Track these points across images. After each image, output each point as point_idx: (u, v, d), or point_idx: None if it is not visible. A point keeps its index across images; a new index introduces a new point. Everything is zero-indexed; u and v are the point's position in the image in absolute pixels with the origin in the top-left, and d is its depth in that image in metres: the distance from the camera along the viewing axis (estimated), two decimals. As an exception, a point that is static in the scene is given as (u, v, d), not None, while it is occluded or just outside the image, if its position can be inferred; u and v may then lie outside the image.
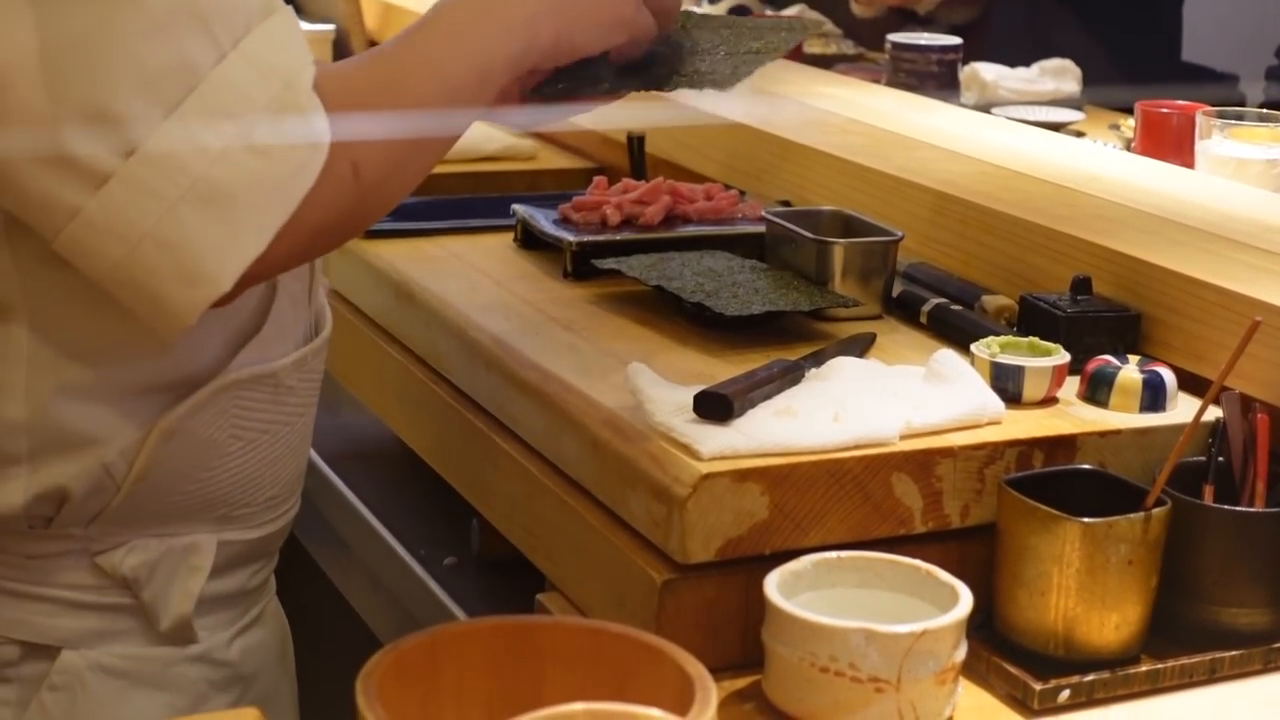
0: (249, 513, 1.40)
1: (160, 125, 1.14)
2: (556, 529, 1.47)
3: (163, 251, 1.15)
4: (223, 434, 1.34)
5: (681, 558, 1.31)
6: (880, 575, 1.31)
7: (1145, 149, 2.33)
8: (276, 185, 1.17)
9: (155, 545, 1.34)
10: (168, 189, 1.14)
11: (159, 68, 1.14)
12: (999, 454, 1.40)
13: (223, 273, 1.16)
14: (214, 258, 1.16)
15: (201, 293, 1.17)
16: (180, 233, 1.14)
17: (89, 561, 1.32)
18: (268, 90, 1.17)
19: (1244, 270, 1.57)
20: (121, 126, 1.13)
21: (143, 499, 1.31)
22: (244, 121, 1.16)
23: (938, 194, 1.86)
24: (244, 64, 1.17)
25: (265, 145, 1.16)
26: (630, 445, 1.37)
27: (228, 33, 1.17)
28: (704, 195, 1.92)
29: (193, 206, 1.14)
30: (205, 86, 1.15)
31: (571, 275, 1.80)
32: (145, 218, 1.14)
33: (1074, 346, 1.52)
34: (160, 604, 1.34)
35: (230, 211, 1.16)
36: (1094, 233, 1.68)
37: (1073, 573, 1.30)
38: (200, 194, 1.14)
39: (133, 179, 1.13)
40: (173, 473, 1.32)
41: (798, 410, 1.38)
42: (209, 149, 1.15)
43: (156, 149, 1.14)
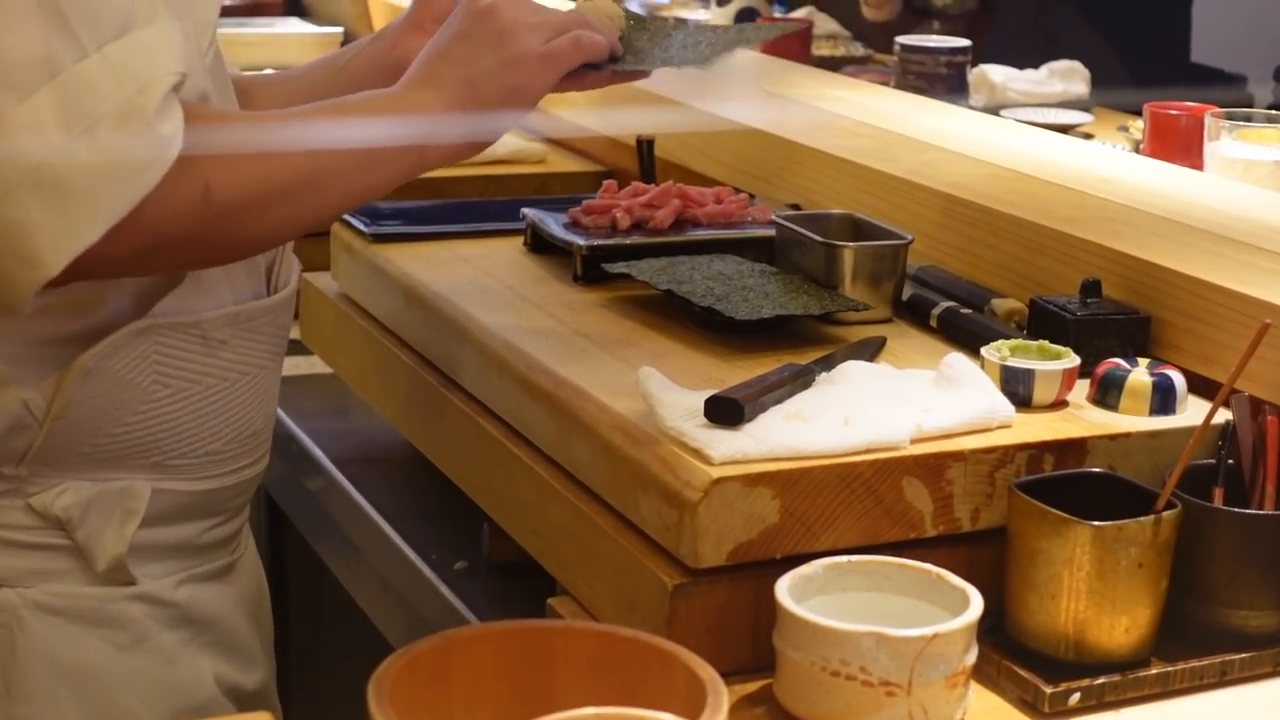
0: (186, 464, 1.43)
1: (10, 112, 1.19)
2: (567, 533, 1.47)
3: (2, 232, 1.20)
4: (145, 378, 1.38)
5: (693, 562, 1.31)
6: (891, 579, 1.31)
7: (1154, 151, 2.33)
8: (113, 182, 1.21)
9: (88, 488, 1.38)
10: (9, 173, 1.19)
11: (16, 59, 1.20)
12: (1009, 457, 1.40)
13: (53, 258, 1.21)
14: (46, 243, 1.20)
15: (33, 275, 1.21)
16: (18, 214, 1.20)
17: (23, 502, 1.37)
18: (120, 92, 1.22)
19: (1254, 272, 1.57)
20: None
21: (67, 438, 1.36)
22: (91, 117, 1.20)
23: (947, 197, 1.86)
24: (103, 65, 1.22)
25: (107, 143, 1.21)
26: (641, 449, 1.37)
27: (93, 36, 1.22)
28: (714, 199, 1.92)
29: (30, 192, 1.20)
30: (60, 80, 1.20)
31: (582, 279, 1.80)
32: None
33: (1084, 349, 1.53)
34: (95, 545, 1.38)
35: (65, 201, 1.20)
36: (1103, 235, 1.69)
37: (1083, 576, 1.30)
38: (39, 180, 1.20)
39: None
40: (96, 413, 1.36)
41: (808, 414, 1.39)
42: (52, 140, 1.20)
43: (3, 134, 1.19)
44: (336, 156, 1.36)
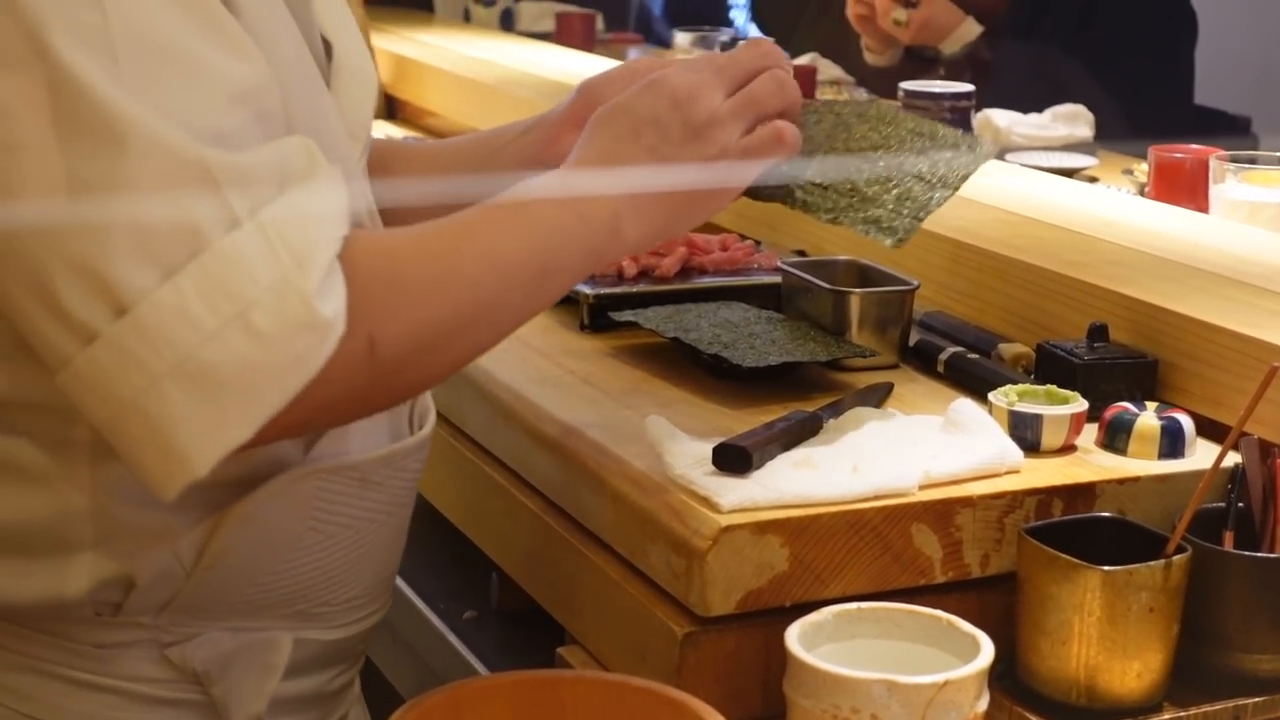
0: (329, 611, 1.32)
1: (154, 292, 1.06)
2: (576, 582, 1.47)
3: (144, 423, 1.08)
4: (301, 525, 1.26)
5: (702, 610, 1.31)
6: (901, 626, 1.30)
7: (1159, 194, 2.33)
8: (271, 374, 1.08)
9: (228, 639, 1.27)
10: (154, 361, 1.07)
11: (161, 229, 1.07)
12: (1018, 503, 1.40)
13: (200, 457, 1.08)
14: (193, 440, 1.08)
15: (177, 472, 1.09)
16: (162, 408, 1.07)
17: (158, 653, 1.25)
18: (276, 269, 1.08)
19: (1261, 315, 1.57)
20: (113, 288, 1.06)
21: (214, 588, 1.24)
22: (244, 300, 1.07)
23: (953, 242, 1.86)
24: (257, 236, 1.08)
25: (263, 330, 1.07)
26: (649, 498, 1.37)
27: (246, 199, 1.09)
28: (720, 246, 1.93)
29: (177, 384, 1.07)
30: (208, 255, 1.07)
31: (589, 328, 1.80)
32: (128, 387, 1.07)
33: (1091, 394, 1.52)
34: (232, 701, 1.27)
35: (216, 396, 1.07)
36: (1109, 279, 1.69)
37: (1094, 621, 1.30)
38: (187, 372, 1.07)
39: (119, 345, 1.07)
40: (247, 562, 1.25)
41: (816, 461, 1.38)
42: (202, 326, 1.07)
43: (146, 317, 1.06)
44: (512, 273, 1.22)
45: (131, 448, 1.09)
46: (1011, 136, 2.84)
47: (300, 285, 1.08)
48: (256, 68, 1.13)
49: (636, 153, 1.28)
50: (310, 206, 1.11)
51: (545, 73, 3.11)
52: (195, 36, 1.10)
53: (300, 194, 1.11)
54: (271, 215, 1.09)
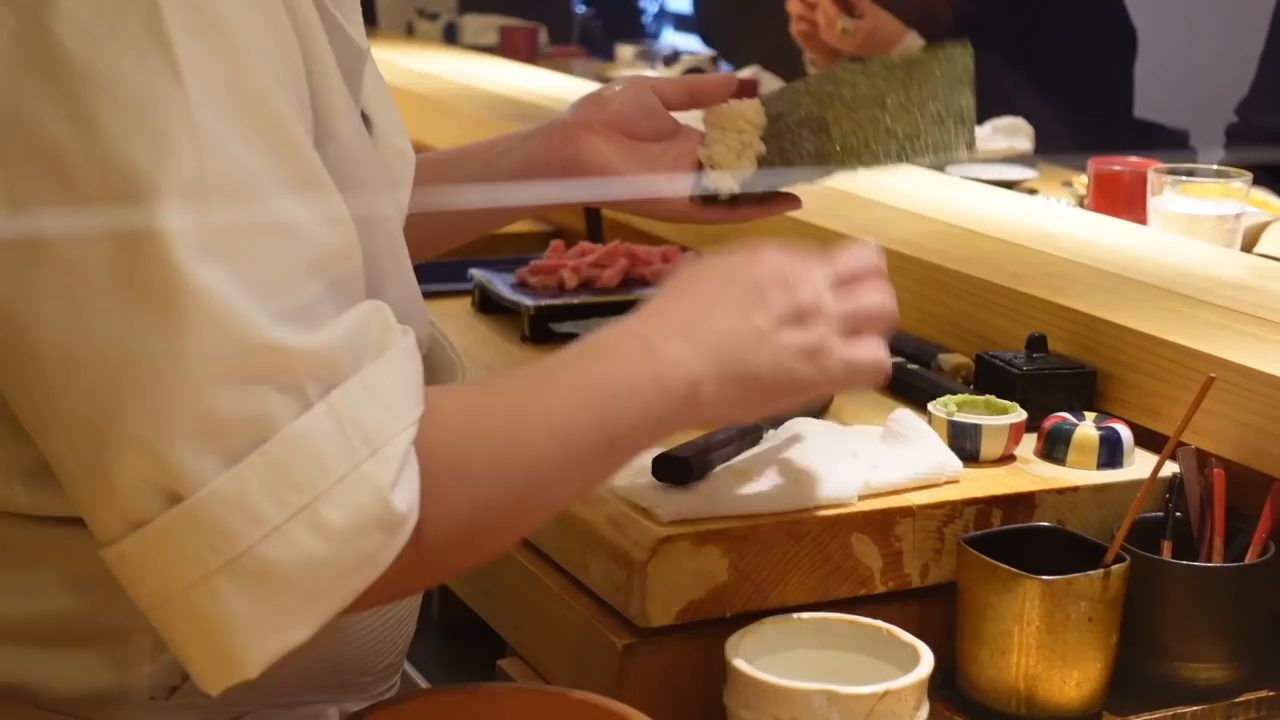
0: (368, 681, 1.27)
1: (213, 480, 0.96)
2: (517, 594, 1.47)
3: (193, 619, 0.98)
4: None
5: (642, 622, 1.30)
6: (841, 636, 1.30)
7: (1098, 206, 2.34)
8: (338, 574, 0.99)
9: (277, 715, 1.20)
10: (208, 556, 0.97)
11: (227, 413, 0.96)
12: (958, 513, 1.40)
13: (253, 659, 0.99)
14: (247, 641, 0.98)
15: (226, 672, 0.99)
16: (214, 605, 0.97)
17: None
18: (350, 459, 0.98)
19: (1198, 326, 1.58)
20: (169, 474, 0.96)
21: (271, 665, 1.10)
22: (313, 493, 0.97)
23: (893, 253, 1.86)
24: (328, 421, 0.98)
25: (333, 528, 0.98)
26: (589, 509, 1.37)
27: (318, 383, 0.99)
28: (660, 257, 1.92)
29: (233, 580, 0.97)
30: (275, 443, 0.97)
31: (530, 339, 1.80)
32: (178, 579, 0.97)
33: (1030, 404, 1.53)
34: None
35: (275, 595, 0.98)
36: (1049, 290, 1.69)
37: (1033, 630, 1.30)
38: (245, 568, 0.97)
39: (170, 535, 0.97)
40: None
41: (756, 472, 1.38)
42: (265, 520, 0.97)
43: (202, 508, 0.96)
44: (577, 449, 1.10)
45: (178, 640, 1.00)
46: (952, 149, 2.84)
47: (375, 477, 0.99)
48: (345, 231, 1.03)
49: (733, 321, 1.15)
50: (386, 386, 1.01)
51: (490, 86, 3.10)
52: (289, 195, 1.00)
53: (375, 372, 1.01)
54: (345, 397, 0.99)
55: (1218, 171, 2.20)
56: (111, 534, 0.99)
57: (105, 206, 0.95)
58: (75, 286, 0.96)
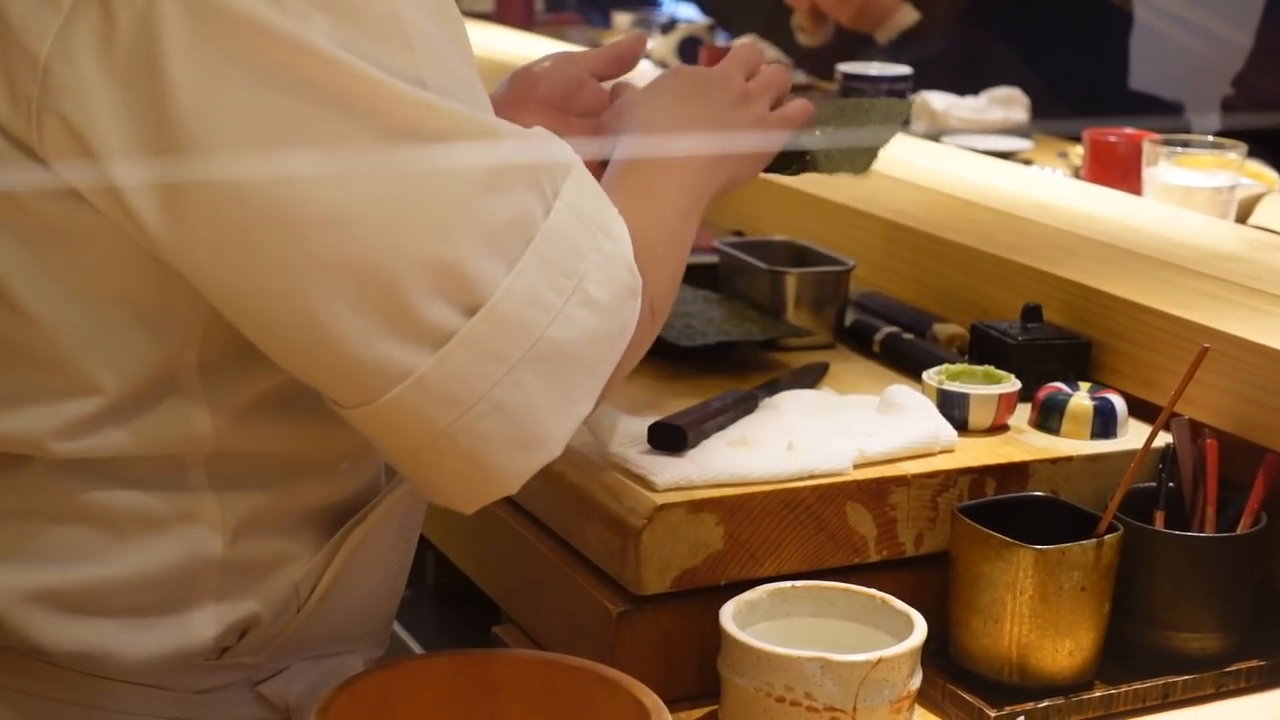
0: (382, 630, 1.33)
1: (504, 281, 1.07)
2: (512, 561, 1.47)
3: (497, 416, 1.07)
4: (389, 542, 1.27)
5: (637, 589, 1.31)
6: (835, 604, 1.31)
7: (1093, 176, 2.35)
8: (610, 341, 1.13)
9: (312, 669, 1.26)
10: (510, 349, 1.07)
11: (503, 221, 1.07)
12: (952, 482, 1.40)
13: (556, 436, 1.11)
14: (550, 420, 1.10)
15: (532, 458, 1.11)
16: (518, 395, 1.08)
17: (251, 691, 1.23)
18: (593, 241, 1.12)
19: (1192, 297, 1.58)
20: (469, 283, 1.06)
21: (319, 617, 1.23)
22: (578, 275, 1.10)
23: (889, 223, 1.87)
24: (570, 214, 1.11)
25: (600, 301, 1.11)
26: (585, 477, 1.37)
27: (551, 182, 1.12)
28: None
29: (533, 368, 1.08)
30: (540, 240, 1.09)
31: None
32: (483, 380, 1.07)
33: (1025, 374, 1.53)
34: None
35: (568, 372, 1.10)
36: (1044, 260, 1.69)
37: (1026, 599, 1.31)
38: (541, 354, 1.08)
39: (476, 339, 1.06)
40: (352, 585, 1.24)
41: (751, 440, 1.39)
42: (549, 306, 1.09)
43: (502, 307, 1.07)
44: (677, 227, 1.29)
45: (476, 446, 1.08)
46: (948, 119, 2.85)
47: (618, 253, 1.14)
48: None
49: (696, 127, 1.34)
50: (589, 182, 1.15)
51: (485, 52, 3.10)
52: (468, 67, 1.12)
53: (579, 171, 1.14)
54: (571, 194, 1.12)
55: (1213, 143, 2.20)
56: (406, 369, 1.05)
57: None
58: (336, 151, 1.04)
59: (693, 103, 1.37)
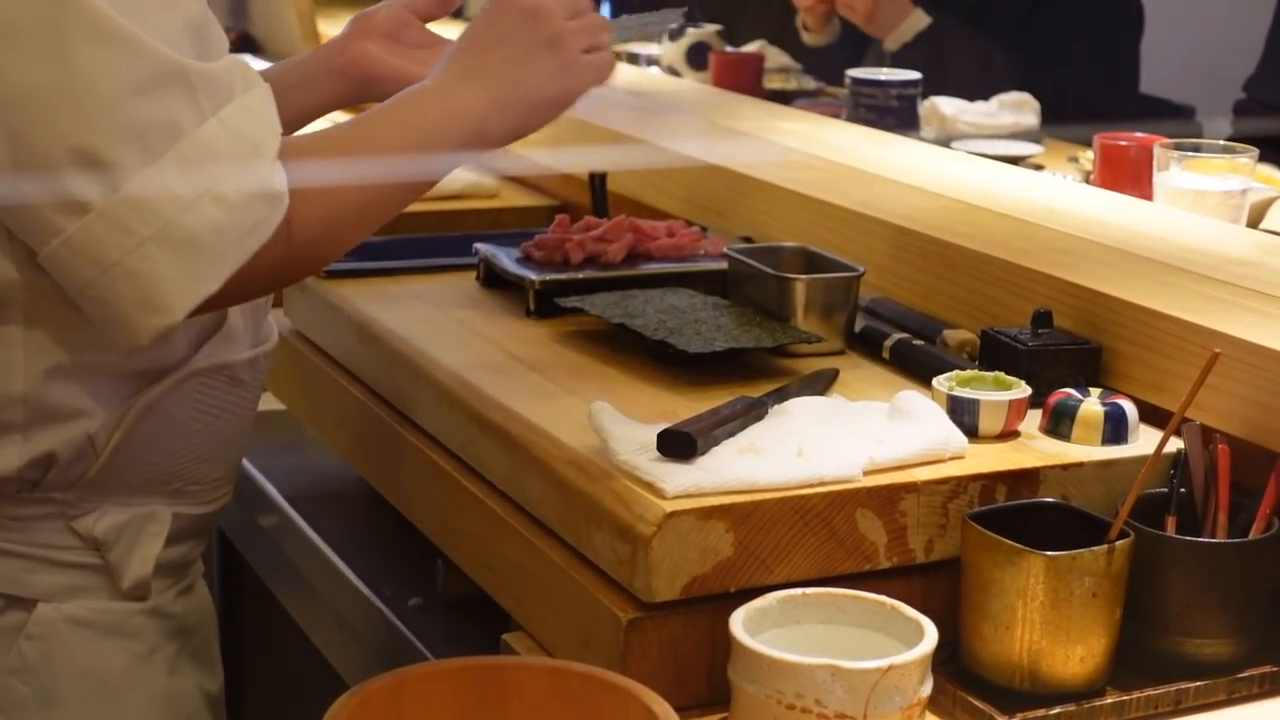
0: (198, 490, 1.53)
1: (141, 172, 1.27)
2: (521, 569, 1.47)
3: (128, 280, 1.28)
4: (186, 414, 1.48)
5: (647, 596, 1.31)
6: (845, 611, 1.31)
7: (1104, 181, 2.34)
8: (236, 236, 1.31)
9: (121, 512, 1.47)
10: (140, 228, 1.27)
11: (148, 123, 1.28)
12: (962, 488, 1.40)
13: (178, 306, 1.30)
14: (173, 292, 1.30)
15: (157, 320, 1.30)
16: (146, 267, 1.28)
17: (65, 524, 1.45)
18: (238, 153, 1.31)
19: (1203, 302, 1.58)
20: (108, 170, 1.27)
21: (116, 468, 1.45)
22: (214, 178, 1.29)
23: (898, 229, 1.87)
24: (221, 129, 1.31)
25: (231, 201, 1.30)
26: (594, 484, 1.37)
27: (210, 101, 1.31)
28: (666, 232, 1.92)
29: (160, 246, 1.28)
30: (185, 143, 1.29)
31: (534, 314, 1.80)
32: (117, 250, 1.28)
33: (1035, 380, 1.53)
34: (123, 565, 1.48)
35: (193, 255, 1.29)
36: (1054, 266, 1.69)
37: (1037, 606, 1.30)
38: (169, 236, 1.28)
39: (111, 215, 1.27)
40: (144, 446, 1.45)
41: (761, 447, 1.39)
42: (181, 198, 1.28)
43: (135, 192, 1.27)
44: (396, 167, 1.44)
45: (114, 302, 1.29)
46: (958, 124, 2.85)
47: (259, 166, 1.32)
48: (201, 5, 1.36)
49: (498, 63, 1.46)
50: (258, 108, 1.34)
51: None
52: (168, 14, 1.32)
53: (249, 98, 1.34)
54: (230, 113, 1.32)
55: (1224, 147, 2.20)
56: (58, 227, 1.28)
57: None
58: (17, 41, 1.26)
59: (505, 40, 1.47)
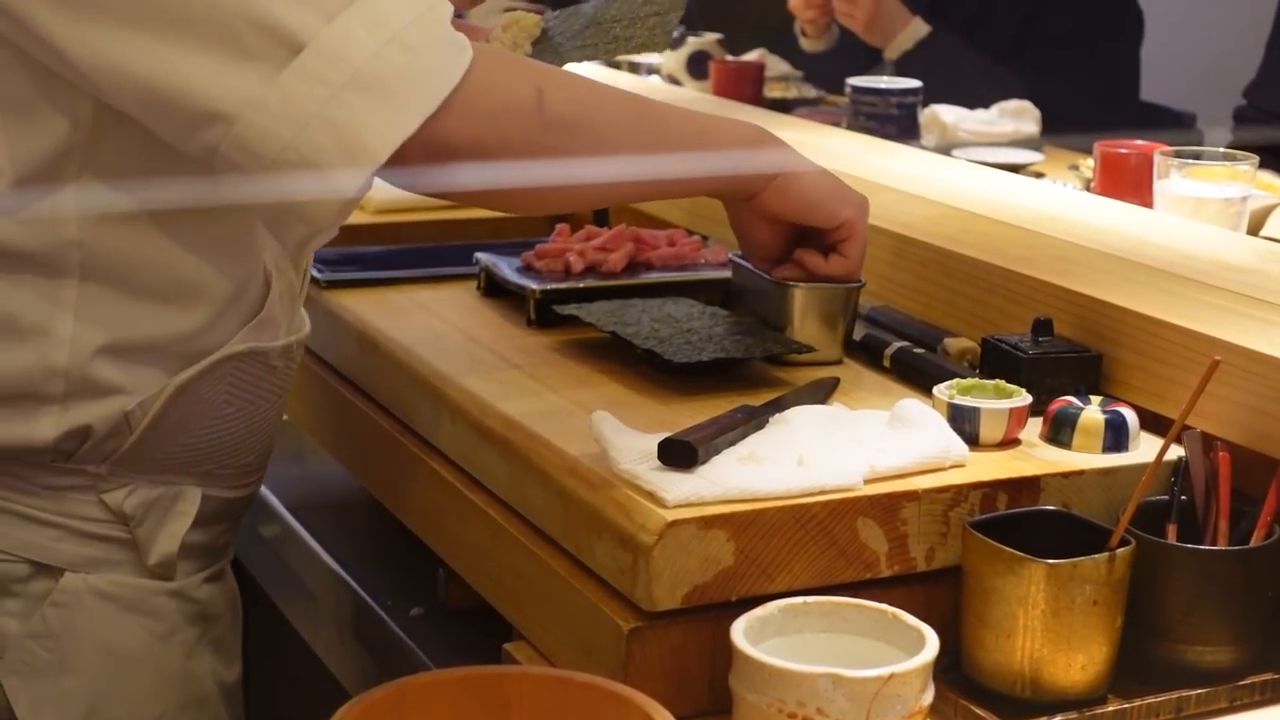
0: (228, 474, 1.57)
1: (323, 28, 1.32)
2: (523, 578, 1.47)
3: (329, 130, 1.33)
4: (220, 397, 1.51)
5: (648, 605, 1.31)
6: (847, 620, 1.31)
7: (1104, 189, 2.34)
8: (424, 76, 1.36)
9: (152, 489, 1.51)
10: (333, 76, 1.32)
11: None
12: (963, 496, 1.40)
13: (380, 147, 1.35)
14: (373, 135, 1.34)
15: (362, 165, 1.35)
16: (344, 114, 1.33)
17: (96, 497, 1.49)
18: (415, 8, 1.36)
19: (1204, 309, 1.58)
20: (288, 29, 1.32)
21: (149, 446, 1.48)
22: (397, 25, 1.35)
23: (898, 237, 1.87)
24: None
25: (415, 46, 1.35)
26: (595, 493, 1.37)
27: None
28: (667, 241, 1.92)
29: (354, 91, 1.33)
30: (360, 2, 1.34)
31: (535, 323, 1.80)
32: (314, 100, 1.32)
33: (1036, 388, 1.53)
34: (150, 541, 1.52)
35: (386, 96, 1.34)
36: (1054, 274, 1.69)
37: (1038, 614, 1.30)
38: (360, 81, 1.33)
39: (304, 68, 1.32)
40: (178, 425, 1.49)
41: (762, 456, 1.39)
42: (367, 45, 1.33)
43: (323, 45, 1.32)
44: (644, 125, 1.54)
45: (316, 156, 1.33)
46: (958, 132, 2.85)
47: (435, 16, 1.38)
48: None
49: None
50: None
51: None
52: None
53: None
54: None
55: (1224, 154, 2.20)
56: (248, 96, 1.32)
57: None
58: None
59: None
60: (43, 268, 1.41)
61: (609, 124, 1.50)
